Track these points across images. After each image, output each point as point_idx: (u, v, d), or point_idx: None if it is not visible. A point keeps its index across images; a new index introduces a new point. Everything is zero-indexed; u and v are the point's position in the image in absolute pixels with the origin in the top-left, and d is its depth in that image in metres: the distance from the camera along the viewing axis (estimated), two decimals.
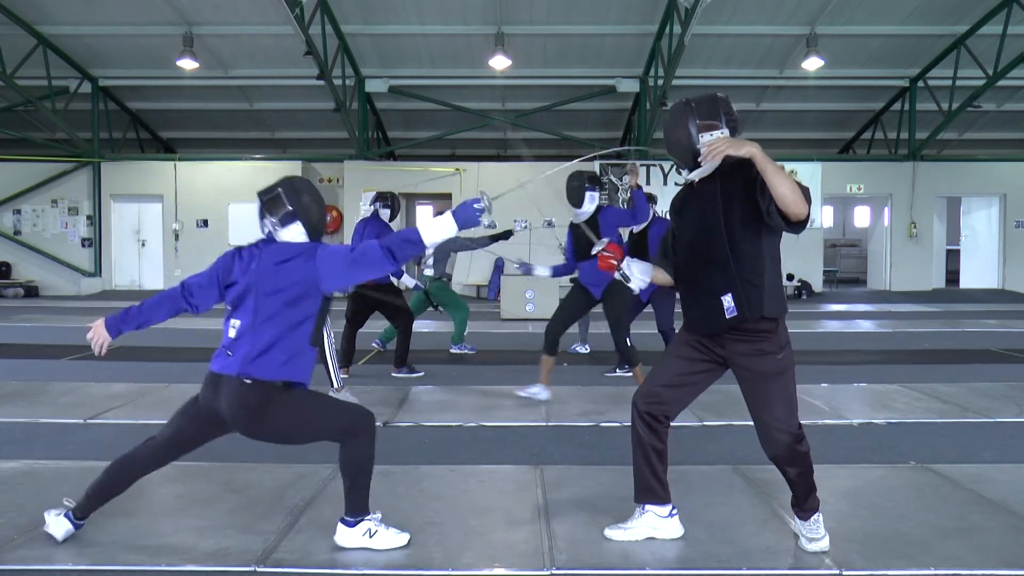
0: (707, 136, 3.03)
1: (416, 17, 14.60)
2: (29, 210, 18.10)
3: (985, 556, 3.08)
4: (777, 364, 3.07)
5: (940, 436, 5.15)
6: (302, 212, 3.17)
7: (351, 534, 3.16)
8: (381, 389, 6.56)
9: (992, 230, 18.55)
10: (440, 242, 3.14)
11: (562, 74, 16.57)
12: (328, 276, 3.08)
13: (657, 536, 3.24)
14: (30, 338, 10.21)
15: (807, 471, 3.12)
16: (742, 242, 3.02)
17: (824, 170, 17.62)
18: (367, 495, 3.20)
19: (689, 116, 3.06)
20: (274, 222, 3.17)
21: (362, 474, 3.18)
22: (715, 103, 3.09)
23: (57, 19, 14.63)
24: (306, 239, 3.19)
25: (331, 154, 18.18)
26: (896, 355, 8.80)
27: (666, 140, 3.17)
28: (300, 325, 3.06)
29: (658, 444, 3.22)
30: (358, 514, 3.17)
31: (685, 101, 3.13)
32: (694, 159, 3.09)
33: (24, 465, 4.31)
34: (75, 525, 3.18)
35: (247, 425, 3.10)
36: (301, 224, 3.17)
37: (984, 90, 15.14)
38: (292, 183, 3.23)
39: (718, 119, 3.05)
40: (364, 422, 3.19)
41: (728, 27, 14.68)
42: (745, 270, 3.02)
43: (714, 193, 3.06)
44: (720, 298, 3.05)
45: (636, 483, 3.28)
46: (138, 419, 5.43)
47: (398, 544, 3.18)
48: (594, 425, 5.38)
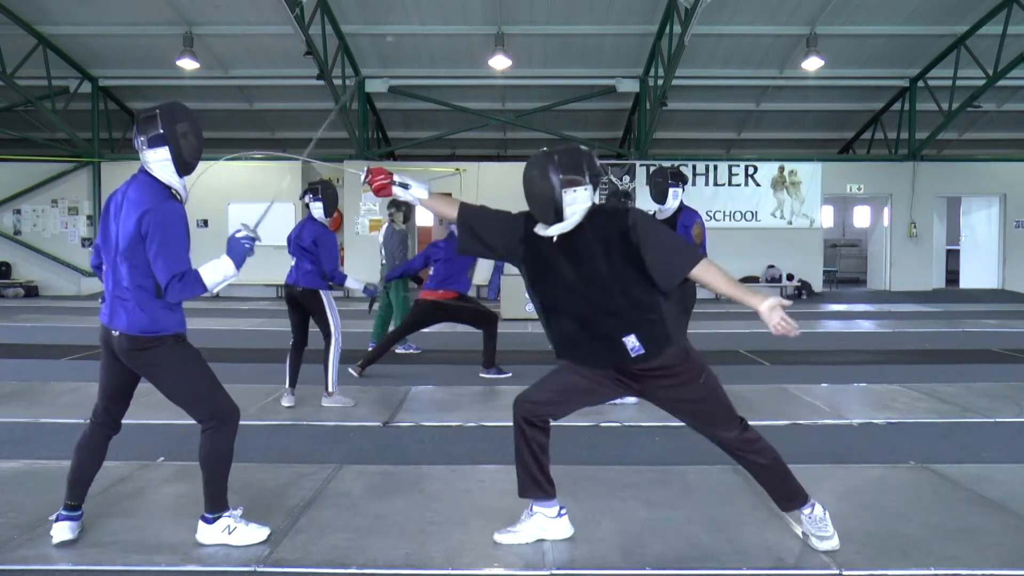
0: (570, 192, 2.96)
1: (416, 17, 14.60)
2: (29, 210, 18.10)
3: (985, 556, 3.08)
4: (703, 388, 3.08)
5: (940, 436, 5.15)
6: (172, 137, 3.11)
7: (211, 531, 3.17)
8: (381, 389, 6.56)
9: (992, 230, 18.54)
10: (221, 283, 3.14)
11: (562, 74, 16.55)
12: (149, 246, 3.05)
13: (547, 537, 3.24)
14: (30, 338, 10.21)
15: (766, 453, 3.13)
16: (633, 287, 2.97)
17: (824, 170, 17.61)
18: (225, 490, 3.21)
19: (552, 168, 2.98)
20: (143, 140, 3.12)
21: (219, 469, 3.18)
22: (579, 156, 3.03)
23: (57, 19, 14.62)
24: (171, 167, 3.14)
25: (331, 154, 18.16)
26: (896, 355, 8.80)
27: (526, 191, 3.06)
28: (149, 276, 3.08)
29: (541, 439, 3.25)
30: (217, 510, 3.18)
31: (547, 152, 3.05)
32: (555, 213, 2.99)
33: (24, 465, 4.32)
34: (74, 518, 3.19)
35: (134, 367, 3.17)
36: (169, 150, 3.11)
37: (984, 90, 15.13)
38: (172, 106, 3.18)
39: (581, 174, 2.99)
40: (231, 411, 3.21)
41: (728, 27, 14.66)
42: (642, 311, 2.98)
43: (587, 243, 2.99)
44: (622, 339, 3.00)
45: (520, 478, 3.29)
46: (138, 419, 5.40)
47: (258, 539, 3.18)
48: (594, 425, 5.38)
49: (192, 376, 3.18)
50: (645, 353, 3.00)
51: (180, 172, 3.17)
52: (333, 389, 5.90)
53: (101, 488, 3.83)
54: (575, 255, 3.02)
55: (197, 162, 3.23)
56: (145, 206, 3.05)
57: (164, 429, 5.05)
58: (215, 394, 3.19)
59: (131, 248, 3.07)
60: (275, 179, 17.78)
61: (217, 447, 3.16)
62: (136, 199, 3.09)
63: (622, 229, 2.93)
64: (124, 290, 3.10)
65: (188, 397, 3.19)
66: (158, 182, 3.13)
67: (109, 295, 3.18)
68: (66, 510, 3.19)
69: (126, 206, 3.11)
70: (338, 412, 5.73)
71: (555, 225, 3.02)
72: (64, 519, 3.18)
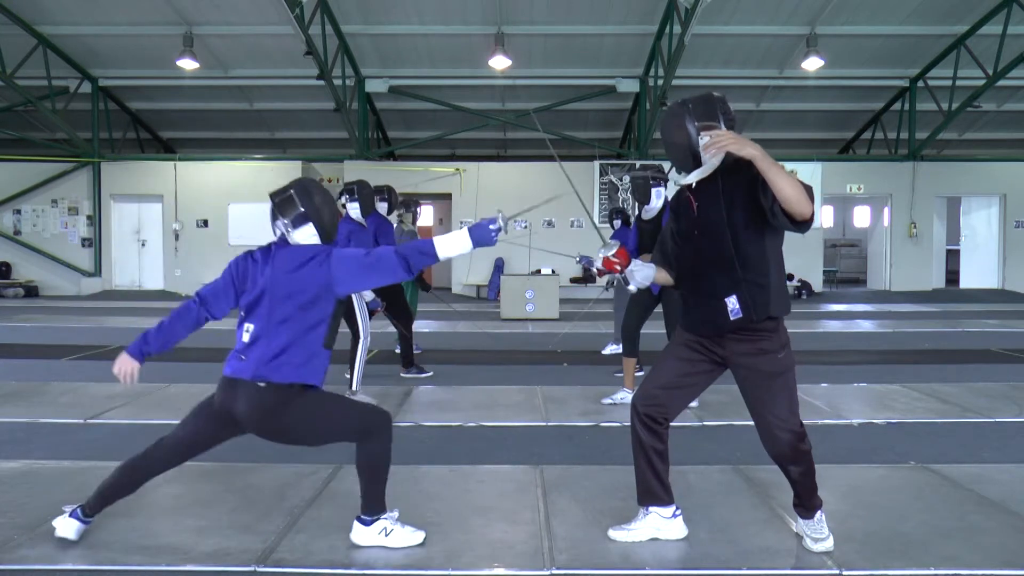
0: (706, 138, 3.00)
1: (416, 17, 14.60)
2: (29, 210, 18.10)
3: (985, 556, 3.08)
4: (779, 363, 3.06)
5: (940, 436, 5.15)
6: (314, 214, 3.18)
7: (367, 532, 3.18)
8: (381, 389, 6.56)
9: (992, 230, 18.55)
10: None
11: (562, 74, 16.56)
12: (342, 279, 3.09)
13: (661, 537, 3.23)
14: (30, 338, 10.21)
15: (809, 470, 3.12)
16: (746, 243, 3.01)
17: (824, 170, 17.62)
18: (383, 494, 3.21)
19: (687, 117, 3.04)
20: (286, 223, 3.18)
21: (378, 473, 3.19)
22: (712, 103, 3.07)
23: (57, 19, 14.62)
24: (318, 241, 3.20)
25: (331, 154, 18.18)
26: (896, 355, 8.80)
27: (664, 143, 3.14)
28: (314, 328, 3.08)
29: (659, 445, 3.21)
30: (374, 513, 3.19)
31: (682, 102, 3.10)
32: (694, 161, 3.06)
33: (24, 465, 4.31)
34: (83, 523, 3.19)
35: (262, 426, 3.11)
36: (313, 226, 3.18)
37: (984, 90, 15.14)
38: (304, 185, 3.25)
39: (716, 119, 3.02)
40: (381, 422, 3.21)
41: (728, 27, 14.67)
42: (750, 271, 3.01)
43: (716, 194, 3.04)
44: (724, 300, 3.04)
45: (638, 486, 3.27)
46: (138, 419, 5.42)
47: (414, 542, 3.19)
48: (594, 425, 5.38)
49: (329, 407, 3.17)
50: (743, 317, 3.01)
51: (324, 242, 3.24)
52: (357, 388, 5.92)
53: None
54: (703, 202, 3.08)
55: (336, 227, 3.30)
56: (315, 251, 3.14)
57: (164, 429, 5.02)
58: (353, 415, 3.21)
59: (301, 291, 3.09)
60: (275, 179, 17.80)
61: (373, 454, 3.16)
62: (298, 252, 3.15)
63: (751, 175, 2.93)
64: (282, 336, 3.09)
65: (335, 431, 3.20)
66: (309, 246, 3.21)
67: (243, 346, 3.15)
68: (83, 513, 3.18)
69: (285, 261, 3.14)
70: None
71: (694, 171, 3.07)
72: (77, 519, 3.18)
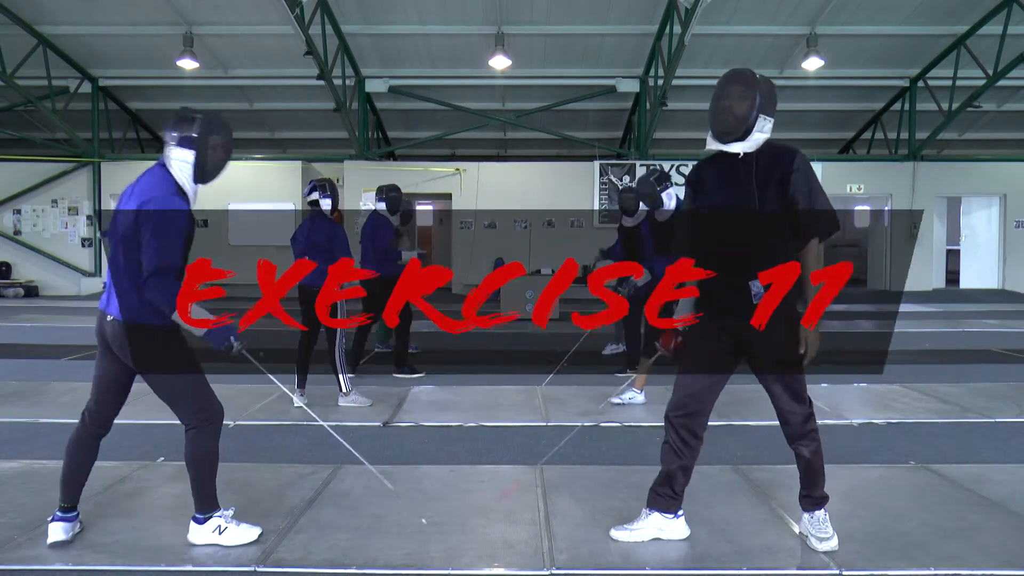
0: (763, 120, 3.01)
1: (416, 17, 14.60)
2: (29, 210, 18.09)
3: (985, 556, 3.08)
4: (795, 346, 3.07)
5: (940, 436, 5.15)
6: (202, 145, 3.13)
7: (201, 531, 3.17)
8: (381, 389, 6.56)
9: (992, 230, 18.53)
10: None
11: (562, 74, 16.55)
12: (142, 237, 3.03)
13: (663, 537, 3.24)
14: (30, 338, 10.21)
15: (818, 450, 3.15)
16: (770, 228, 3.03)
17: (824, 170, 17.59)
18: (214, 491, 3.21)
19: (757, 92, 3.01)
20: (173, 136, 3.13)
21: (207, 469, 3.18)
22: (775, 92, 3.09)
23: (57, 19, 14.62)
24: (191, 169, 3.13)
25: (331, 154, 18.16)
26: (896, 355, 8.80)
27: (717, 107, 3.06)
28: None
29: (687, 462, 3.24)
30: (207, 510, 3.18)
31: (751, 72, 3.06)
32: (745, 133, 3.03)
33: (24, 465, 4.32)
34: (68, 519, 3.19)
35: (124, 357, 3.15)
36: (194, 155, 3.12)
37: (984, 90, 15.12)
38: (216, 117, 3.20)
39: (773, 111, 3.06)
40: (216, 413, 3.20)
41: (728, 27, 14.66)
42: (772, 256, 3.02)
43: (750, 174, 3.05)
44: (748, 283, 3.04)
45: (655, 491, 3.28)
46: (138, 419, 5.41)
47: (248, 539, 3.18)
48: (594, 425, 5.38)
49: (178, 371, 3.15)
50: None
51: (196, 179, 3.17)
52: (348, 388, 5.92)
53: (101, 488, 3.84)
54: (732, 182, 3.09)
55: (215, 176, 3.22)
56: (150, 195, 3.06)
57: (164, 429, 5.04)
58: (200, 393, 3.17)
59: (129, 235, 3.06)
60: (275, 179, 17.79)
61: (202, 447, 3.16)
62: (145, 188, 3.11)
63: (784, 170, 2.97)
64: (120, 277, 3.10)
65: (173, 393, 3.17)
66: (171, 177, 3.14)
67: (108, 281, 3.19)
68: (61, 511, 3.19)
69: (135, 193, 3.12)
70: (338, 412, 5.73)
71: (736, 143, 3.06)
72: (59, 520, 3.18)
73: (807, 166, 3.05)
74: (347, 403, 5.88)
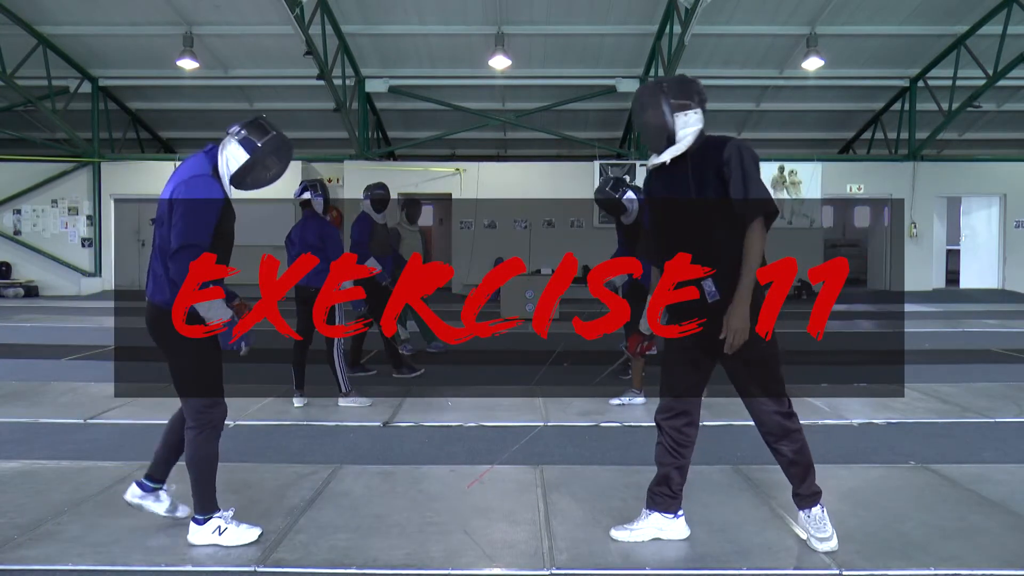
0: (682, 116, 3.02)
1: (416, 17, 14.60)
2: (29, 210, 18.08)
3: (985, 556, 3.08)
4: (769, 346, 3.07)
5: (940, 436, 5.15)
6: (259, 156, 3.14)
7: (201, 532, 3.17)
8: (381, 389, 6.56)
9: (992, 230, 18.53)
10: None
11: (562, 74, 16.54)
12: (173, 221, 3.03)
13: (663, 537, 3.24)
14: (30, 338, 10.21)
15: (802, 448, 3.13)
16: (717, 224, 3.02)
17: (824, 170, 17.61)
18: (214, 492, 3.22)
19: (662, 97, 3.05)
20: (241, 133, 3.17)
21: (207, 470, 3.20)
22: (687, 83, 3.10)
23: (57, 19, 14.61)
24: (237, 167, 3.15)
25: (331, 154, 18.16)
26: (896, 355, 8.80)
27: (637, 124, 3.15)
28: None
29: (681, 461, 3.24)
30: (207, 511, 3.19)
31: (656, 82, 3.12)
32: (668, 141, 3.07)
33: (24, 465, 4.32)
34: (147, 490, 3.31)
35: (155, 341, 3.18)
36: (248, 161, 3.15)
37: (984, 90, 15.12)
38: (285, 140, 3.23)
39: (691, 98, 3.06)
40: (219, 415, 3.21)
41: (728, 27, 14.66)
42: (723, 252, 3.01)
43: (686, 175, 3.06)
44: (700, 283, 3.04)
45: (653, 491, 3.28)
46: (138, 419, 5.42)
47: (248, 540, 3.18)
48: (594, 425, 5.38)
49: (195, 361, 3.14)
50: (721, 299, 3.01)
51: (234, 182, 3.19)
52: (347, 389, 5.92)
53: (101, 488, 3.84)
54: (673, 184, 3.09)
55: (247, 189, 3.23)
56: (187, 175, 3.08)
57: None
58: (207, 387, 3.17)
59: (165, 217, 3.08)
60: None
61: (202, 449, 3.17)
62: (183, 170, 3.14)
63: (717, 162, 2.98)
64: (156, 260, 3.12)
65: (182, 381, 3.17)
66: (208, 163, 3.16)
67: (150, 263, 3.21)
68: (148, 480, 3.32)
69: (173, 178, 3.15)
70: (338, 412, 5.73)
71: (667, 150, 3.08)
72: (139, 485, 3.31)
73: (740, 154, 3.00)
74: (347, 403, 5.88)
